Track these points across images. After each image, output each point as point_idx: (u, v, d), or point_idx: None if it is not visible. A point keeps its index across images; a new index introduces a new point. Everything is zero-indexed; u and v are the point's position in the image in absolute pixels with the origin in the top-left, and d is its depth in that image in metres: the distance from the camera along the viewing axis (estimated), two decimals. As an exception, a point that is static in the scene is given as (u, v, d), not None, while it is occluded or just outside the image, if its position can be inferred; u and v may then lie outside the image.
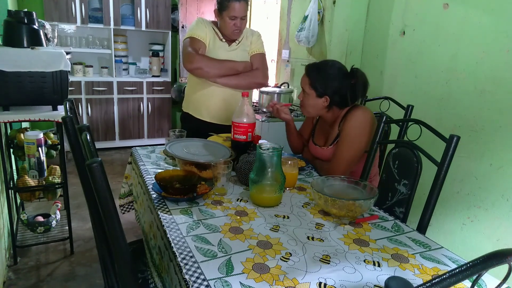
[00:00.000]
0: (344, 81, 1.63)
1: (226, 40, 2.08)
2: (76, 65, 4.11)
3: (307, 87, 1.66)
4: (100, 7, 4.18)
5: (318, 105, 1.67)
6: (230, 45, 2.09)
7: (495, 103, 1.79)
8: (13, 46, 2.04)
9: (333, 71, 1.64)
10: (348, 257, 1.00)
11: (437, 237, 2.02)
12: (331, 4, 2.86)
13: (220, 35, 2.07)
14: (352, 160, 1.62)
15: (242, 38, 2.12)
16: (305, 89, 1.68)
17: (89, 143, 0.96)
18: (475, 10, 1.87)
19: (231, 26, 1.98)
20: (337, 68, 1.66)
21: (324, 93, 1.64)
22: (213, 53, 2.04)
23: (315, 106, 1.68)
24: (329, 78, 1.63)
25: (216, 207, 1.25)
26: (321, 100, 1.65)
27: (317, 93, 1.65)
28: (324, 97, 1.64)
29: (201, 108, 2.14)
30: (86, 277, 2.11)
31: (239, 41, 2.11)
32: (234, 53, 2.09)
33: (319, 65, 1.67)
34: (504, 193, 1.76)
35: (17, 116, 2.04)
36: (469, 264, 0.53)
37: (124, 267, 0.85)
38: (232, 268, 0.91)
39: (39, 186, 2.19)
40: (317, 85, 1.63)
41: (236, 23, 1.97)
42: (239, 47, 2.11)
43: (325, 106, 1.67)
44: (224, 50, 2.07)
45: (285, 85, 3.18)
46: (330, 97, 1.63)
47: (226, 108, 2.12)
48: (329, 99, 1.64)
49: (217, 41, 2.06)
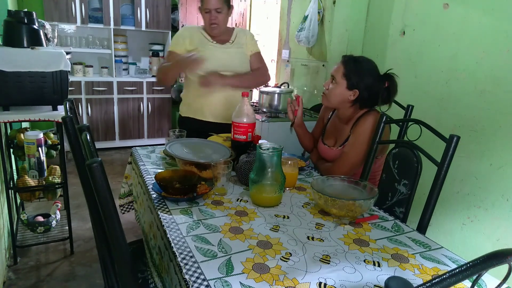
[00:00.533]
0: (377, 80, 1.62)
1: (217, 40, 2.07)
2: (76, 65, 4.11)
3: (340, 75, 1.63)
4: (100, 7, 4.18)
5: (344, 96, 1.64)
6: (224, 43, 2.08)
7: (495, 103, 1.79)
8: (13, 46, 2.04)
9: (370, 67, 1.63)
10: (348, 257, 1.00)
11: (437, 237, 2.02)
12: (331, 4, 2.86)
13: (210, 38, 2.06)
14: (357, 163, 1.62)
15: (235, 37, 2.11)
16: (336, 77, 1.64)
17: (89, 143, 0.96)
18: (475, 10, 1.87)
19: (207, 20, 1.97)
20: (374, 66, 1.65)
21: (355, 85, 1.61)
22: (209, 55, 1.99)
23: (341, 97, 1.65)
24: (365, 72, 1.61)
25: (216, 207, 1.25)
26: (350, 92, 1.63)
27: (348, 84, 1.62)
28: (354, 90, 1.62)
29: (203, 108, 2.11)
30: (86, 277, 2.11)
31: (232, 40, 2.10)
32: (229, 52, 2.07)
33: (357, 58, 1.65)
34: (504, 193, 1.76)
35: (17, 116, 2.04)
36: (469, 264, 0.53)
37: (124, 267, 0.85)
38: (232, 268, 0.91)
39: (39, 186, 2.19)
40: (352, 76, 1.61)
41: (211, 16, 1.95)
42: (234, 45, 2.10)
43: (350, 100, 1.64)
44: (217, 50, 2.05)
45: (285, 85, 3.18)
46: (360, 91, 1.62)
47: (228, 106, 2.10)
48: (358, 94, 1.62)
49: (208, 45, 2.05)
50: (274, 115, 2.88)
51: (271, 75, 4.02)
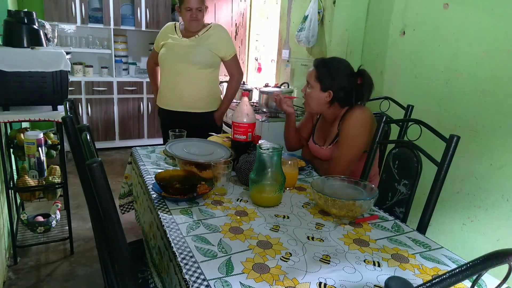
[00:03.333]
0: (350, 79, 1.64)
1: (184, 35, 2.28)
2: (76, 65, 4.10)
3: (313, 79, 1.67)
4: (100, 7, 4.18)
5: (320, 99, 1.67)
6: (188, 38, 2.26)
7: (495, 103, 1.79)
8: (13, 46, 2.04)
9: (341, 67, 1.66)
10: (348, 257, 1.00)
11: (437, 237, 2.02)
12: (331, 4, 2.86)
13: (180, 32, 2.29)
14: (351, 160, 1.63)
15: (203, 33, 2.26)
16: (310, 81, 1.69)
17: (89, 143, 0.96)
18: (475, 10, 1.87)
19: (187, 16, 2.16)
20: (345, 66, 1.67)
21: (328, 87, 1.64)
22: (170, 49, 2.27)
23: (318, 100, 1.68)
24: (336, 73, 1.64)
25: (216, 207, 1.25)
26: (325, 94, 1.66)
27: (321, 87, 1.65)
28: (328, 92, 1.65)
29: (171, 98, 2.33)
30: (86, 277, 2.11)
31: (198, 35, 2.26)
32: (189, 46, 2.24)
33: (327, 60, 1.69)
34: (504, 193, 1.76)
35: (17, 116, 2.04)
36: (469, 264, 0.53)
37: (124, 267, 0.85)
38: (232, 268, 0.91)
39: (39, 186, 2.19)
40: (323, 78, 1.64)
41: (192, 14, 2.15)
42: (198, 39, 2.25)
43: (327, 102, 1.67)
44: (180, 45, 2.25)
45: (285, 85, 3.18)
46: (334, 92, 1.64)
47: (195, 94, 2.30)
48: (332, 94, 1.64)
49: (175, 38, 2.28)
50: (274, 115, 2.88)
51: (271, 75, 4.03)
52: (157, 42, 2.38)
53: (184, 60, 2.24)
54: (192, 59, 2.25)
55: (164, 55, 2.29)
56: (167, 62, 2.29)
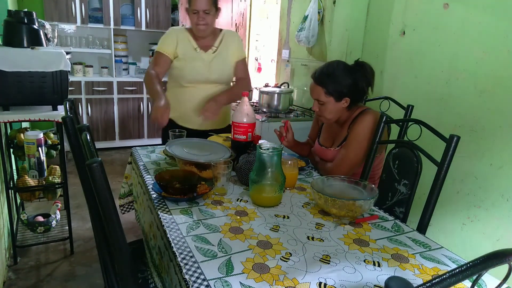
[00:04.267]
0: (354, 76, 1.61)
1: (201, 46, 2.02)
2: (76, 65, 4.11)
3: (323, 96, 1.62)
4: (100, 7, 4.18)
5: (339, 109, 1.64)
6: (206, 51, 2.03)
7: (495, 103, 1.79)
8: (13, 46, 2.04)
9: (341, 71, 1.62)
10: (348, 257, 1.00)
11: (437, 237, 2.02)
12: (331, 4, 2.86)
13: (195, 43, 2.02)
14: (356, 162, 1.62)
15: (219, 41, 2.06)
16: (320, 99, 1.63)
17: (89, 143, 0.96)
18: (475, 10, 1.87)
19: (194, 20, 1.93)
20: (343, 67, 1.64)
21: (342, 95, 1.61)
22: (190, 67, 2.00)
23: (336, 111, 1.65)
24: (341, 79, 1.60)
25: (216, 207, 1.25)
26: (341, 103, 1.63)
27: (335, 98, 1.61)
28: (344, 99, 1.62)
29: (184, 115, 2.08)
30: (86, 277, 2.11)
31: (215, 47, 2.04)
32: (211, 64, 2.02)
33: (326, 70, 1.62)
34: (504, 193, 1.76)
35: (17, 116, 2.04)
36: (469, 264, 0.53)
37: (124, 267, 0.85)
38: (232, 268, 0.91)
39: (39, 186, 2.19)
40: (333, 91, 1.60)
41: (199, 17, 1.91)
42: (217, 55, 2.04)
43: (346, 107, 1.64)
44: (201, 61, 2.01)
45: (285, 85, 3.18)
46: (349, 96, 1.62)
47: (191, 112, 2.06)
48: (349, 100, 1.62)
49: (192, 53, 2.01)
50: (274, 115, 2.88)
51: (271, 75, 4.03)
52: (168, 47, 2.01)
53: (208, 80, 2.04)
54: (217, 79, 2.06)
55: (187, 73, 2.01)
56: (190, 81, 2.03)
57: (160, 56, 2.01)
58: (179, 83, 2.06)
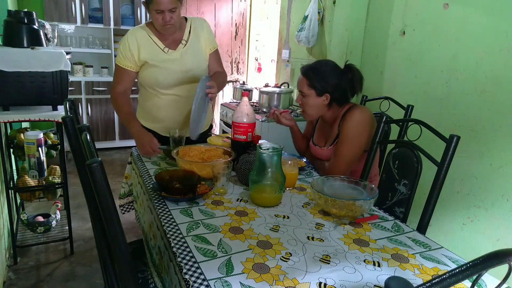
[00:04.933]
0: (341, 76, 1.65)
1: (169, 44, 1.79)
2: (76, 65, 4.11)
3: (306, 88, 1.67)
4: (100, 7, 4.18)
5: (318, 104, 1.67)
6: (175, 49, 1.80)
7: (495, 103, 1.79)
8: (13, 46, 2.04)
9: (329, 69, 1.66)
10: (348, 257, 1.00)
11: (437, 237, 2.02)
12: (331, 4, 2.86)
13: (161, 43, 1.79)
14: (352, 160, 1.63)
15: (188, 33, 1.82)
16: (303, 90, 1.68)
17: (89, 143, 0.96)
18: (475, 10, 1.87)
19: (159, 20, 1.68)
20: (332, 66, 1.68)
21: (324, 90, 1.64)
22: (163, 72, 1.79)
23: (316, 106, 1.68)
24: (327, 75, 1.64)
25: (216, 207, 1.25)
26: (321, 98, 1.66)
27: (317, 92, 1.65)
28: (325, 95, 1.65)
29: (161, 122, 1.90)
30: (86, 277, 2.11)
31: (185, 40, 1.81)
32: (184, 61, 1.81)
33: (314, 65, 1.68)
34: (504, 193, 1.76)
35: (17, 116, 2.04)
36: (469, 264, 0.53)
37: (124, 267, 0.85)
38: (232, 268, 0.91)
39: (39, 186, 2.19)
40: (316, 84, 1.64)
41: (164, 17, 1.66)
42: (188, 50, 1.81)
43: (325, 105, 1.67)
44: (173, 62, 1.79)
45: (285, 85, 3.18)
46: (330, 93, 1.64)
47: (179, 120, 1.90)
48: (329, 97, 1.65)
49: (161, 55, 1.78)
50: (274, 115, 2.88)
51: (271, 75, 4.03)
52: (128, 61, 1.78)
53: (185, 79, 1.83)
54: (194, 75, 1.84)
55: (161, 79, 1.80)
56: (166, 87, 1.83)
57: (122, 72, 1.81)
58: (155, 90, 1.85)
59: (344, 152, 1.61)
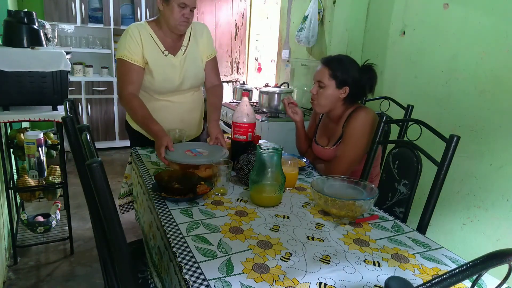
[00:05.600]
0: (361, 73, 1.65)
1: (169, 48, 1.75)
2: (76, 65, 4.11)
3: (326, 78, 1.64)
4: (100, 7, 4.18)
5: (335, 97, 1.65)
6: (175, 54, 1.76)
7: (495, 103, 1.79)
8: (13, 46, 2.04)
9: (352, 63, 1.66)
10: (348, 257, 1.00)
11: (437, 237, 2.02)
12: (331, 4, 2.86)
13: (161, 45, 1.74)
14: (354, 160, 1.63)
15: (187, 40, 1.79)
16: (323, 80, 1.64)
17: (89, 143, 0.96)
18: (475, 10, 1.87)
19: (179, 16, 1.64)
20: (354, 61, 1.68)
21: (345, 83, 1.63)
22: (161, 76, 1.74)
23: (332, 98, 1.65)
24: (349, 68, 1.63)
25: (216, 207, 1.25)
26: (340, 91, 1.64)
27: (337, 83, 1.63)
28: (344, 88, 1.64)
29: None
30: (86, 277, 2.11)
31: (184, 46, 1.78)
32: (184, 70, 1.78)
33: (337, 57, 1.67)
34: (504, 193, 1.75)
35: (17, 116, 2.04)
36: (469, 264, 0.53)
37: (124, 267, 0.85)
38: (232, 268, 0.91)
39: (39, 186, 2.19)
40: (339, 75, 1.62)
41: (186, 13, 1.65)
42: (187, 57, 1.78)
43: (341, 99, 1.66)
44: (172, 68, 1.75)
45: (285, 85, 3.18)
46: (350, 87, 1.63)
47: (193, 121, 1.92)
48: (348, 90, 1.64)
49: (161, 58, 1.73)
50: (274, 115, 2.88)
51: (271, 75, 4.03)
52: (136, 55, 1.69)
53: (181, 88, 1.81)
54: (191, 85, 1.83)
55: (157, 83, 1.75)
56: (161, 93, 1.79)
57: (131, 68, 1.68)
58: (148, 94, 1.80)
59: (347, 153, 1.61)
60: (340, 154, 1.63)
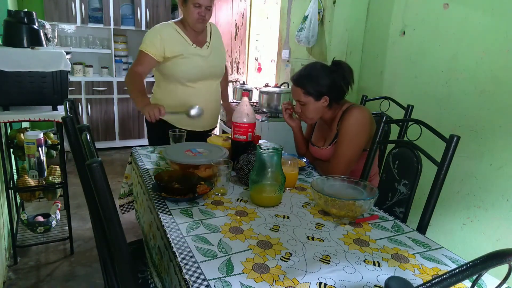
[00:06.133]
0: (332, 75, 1.65)
1: (196, 42, 1.97)
2: (76, 65, 4.11)
3: (302, 96, 1.66)
4: (100, 7, 4.18)
5: (319, 108, 1.68)
6: (202, 47, 1.99)
7: (495, 103, 1.79)
8: (13, 46, 2.04)
9: (318, 71, 1.66)
10: (348, 257, 1.00)
11: (437, 237, 2.02)
12: (331, 4, 2.86)
13: (189, 40, 1.95)
14: (352, 159, 1.63)
15: (209, 36, 2.04)
16: (300, 99, 1.68)
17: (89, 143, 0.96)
18: (475, 10, 1.87)
19: (195, 14, 1.86)
20: (320, 67, 1.67)
21: (320, 94, 1.64)
22: (192, 64, 1.95)
23: (317, 110, 1.68)
24: (319, 78, 1.64)
25: (216, 207, 1.25)
26: (321, 102, 1.66)
27: (314, 98, 1.65)
28: (323, 98, 1.65)
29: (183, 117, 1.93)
30: (86, 277, 2.11)
31: (208, 42, 2.02)
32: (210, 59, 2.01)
33: (303, 72, 1.68)
34: (504, 193, 1.76)
35: (17, 116, 2.04)
36: (469, 264, 0.53)
37: (124, 267, 0.85)
38: (232, 268, 0.91)
39: (39, 186, 2.19)
40: (312, 90, 1.64)
41: (201, 11, 1.85)
42: (211, 48, 2.03)
43: (325, 106, 1.67)
44: (201, 57, 1.97)
45: (285, 85, 3.18)
46: (328, 95, 1.64)
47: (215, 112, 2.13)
48: (327, 98, 1.65)
49: (190, 49, 1.95)
50: (274, 115, 2.88)
51: (271, 75, 4.03)
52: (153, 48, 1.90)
53: (209, 76, 2.02)
54: (217, 75, 2.07)
55: (188, 70, 1.94)
56: (191, 79, 1.96)
57: (145, 56, 1.92)
58: (179, 82, 1.97)
59: (343, 152, 1.62)
60: (337, 154, 1.64)
